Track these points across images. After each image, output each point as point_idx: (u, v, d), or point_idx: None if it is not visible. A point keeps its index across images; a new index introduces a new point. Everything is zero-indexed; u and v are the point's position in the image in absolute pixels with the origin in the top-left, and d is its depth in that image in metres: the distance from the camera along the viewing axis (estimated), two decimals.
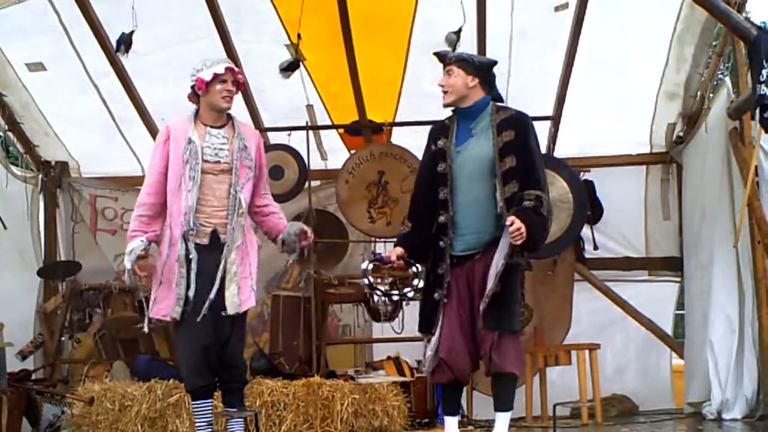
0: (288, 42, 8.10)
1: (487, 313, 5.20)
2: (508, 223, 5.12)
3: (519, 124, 5.36)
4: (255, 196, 5.56)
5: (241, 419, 5.51)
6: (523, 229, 5.09)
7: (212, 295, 5.28)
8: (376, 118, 8.87)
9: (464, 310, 5.31)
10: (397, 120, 8.88)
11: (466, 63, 5.42)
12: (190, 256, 5.32)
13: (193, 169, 5.34)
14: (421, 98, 8.52)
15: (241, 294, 5.36)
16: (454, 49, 7.18)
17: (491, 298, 5.20)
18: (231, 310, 5.32)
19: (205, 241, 5.38)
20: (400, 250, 5.48)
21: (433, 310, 5.36)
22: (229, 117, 5.56)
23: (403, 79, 8.54)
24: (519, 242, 5.12)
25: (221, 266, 5.34)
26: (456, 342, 5.29)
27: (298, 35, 7.66)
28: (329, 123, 9.04)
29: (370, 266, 5.47)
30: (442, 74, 5.44)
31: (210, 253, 5.36)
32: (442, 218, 5.37)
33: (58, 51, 8.18)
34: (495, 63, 5.54)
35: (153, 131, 8.99)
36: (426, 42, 8.06)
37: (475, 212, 5.33)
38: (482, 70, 5.44)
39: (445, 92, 5.43)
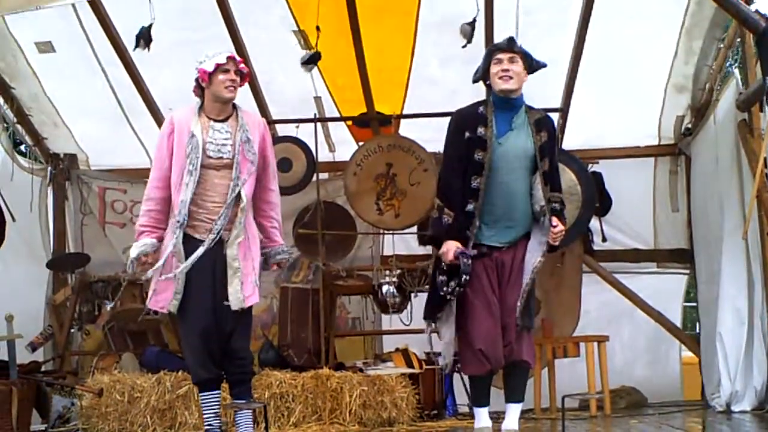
0: (296, 28, 8.07)
1: (521, 310, 5.34)
2: (554, 224, 5.35)
3: (550, 127, 5.57)
4: (258, 189, 5.52)
5: (250, 411, 5.52)
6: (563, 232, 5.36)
7: (216, 291, 5.30)
8: (384, 109, 8.84)
9: (497, 300, 5.39)
10: (404, 111, 8.85)
11: (527, 59, 5.55)
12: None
13: (192, 164, 5.32)
14: (428, 87, 8.49)
15: (245, 290, 5.34)
16: (469, 41, 7.20)
17: (526, 295, 5.35)
18: (235, 305, 5.32)
19: (205, 236, 5.36)
20: (458, 244, 5.39)
21: (447, 299, 5.37)
22: (234, 108, 5.55)
23: (410, 67, 8.49)
24: (557, 243, 5.40)
25: (219, 261, 5.34)
26: (494, 332, 5.35)
27: (317, 27, 7.65)
28: (337, 115, 9.04)
29: (469, 262, 5.36)
30: (506, 60, 5.46)
31: (208, 249, 5.35)
32: (470, 206, 5.40)
33: (68, 34, 8.15)
34: (545, 66, 5.66)
35: (160, 122, 8.98)
36: (433, 27, 8.03)
37: (511, 205, 5.43)
38: (533, 71, 5.59)
39: (509, 77, 5.46)
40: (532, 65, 5.55)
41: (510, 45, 5.54)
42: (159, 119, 8.95)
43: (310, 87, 8.58)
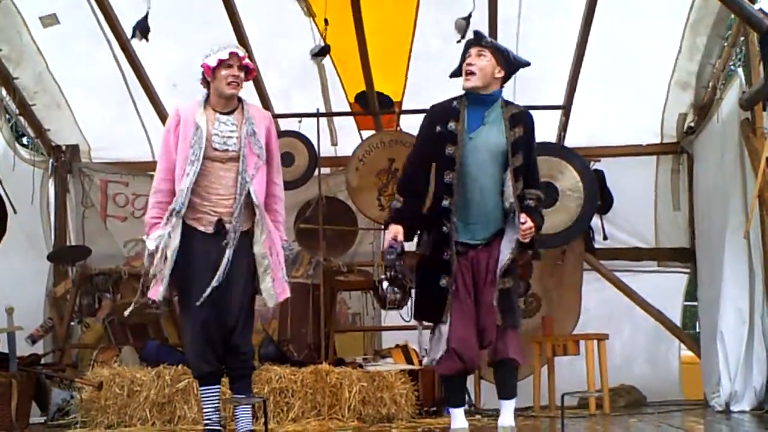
0: None
1: (501, 309, 5.27)
2: (522, 221, 5.25)
3: (527, 123, 5.47)
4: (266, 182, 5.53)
5: (249, 405, 5.52)
6: (533, 229, 5.27)
7: (215, 283, 5.26)
8: (386, 89, 8.78)
9: (471, 300, 5.35)
10: (407, 89, 8.77)
11: (500, 53, 5.46)
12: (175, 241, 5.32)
13: (195, 154, 5.32)
14: (430, 63, 8.37)
15: (277, 286, 5.37)
16: (463, 36, 7.16)
17: (504, 293, 5.28)
18: (269, 303, 5.35)
19: (210, 229, 5.37)
20: (400, 228, 5.42)
21: (441, 298, 5.35)
22: (240, 101, 5.55)
23: (412, 42, 8.38)
24: (527, 240, 5.28)
25: (228, 251, 5.32)
26: (467, 332, 5.31)
27: (325, 21, 7.61)
28: (340, 85, 8.91)
29: (393, 257, 5.34)
30: (473, 55, 5.42)
31: (213, 241, 5.35)
32: (445, 202, 5.36)
33: (73, 7, 8.11)
34: (528, 65, 5.58)
35: (161, 114, 8.97)
36: (433, 3, 7.97)
37: (482, 202, 5.37)
38: (512, 67, 5.50)
39: (472, 73, 5.40)
40: (510, 61, 5.46)
41: (477, 39, 5.50)
42: (161, 111, 8.94)
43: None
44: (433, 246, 5.40)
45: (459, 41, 7.07)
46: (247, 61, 5.51)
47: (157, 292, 5.37)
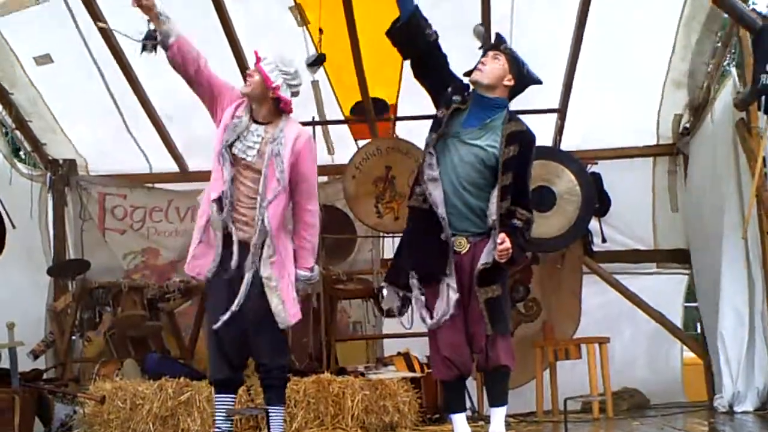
0: (292, 4, 7.97)
1: (491, 318, 5.24)
2: (499, 240, 5.17)
3: (526, 142, 5.36)
4: (292, 206, 5.39)
5: (282, 412, 5.43)
6: (511, 251, 5.17)
7: (234, 307, 5.20)
8: (380, 93, 8.74)
9: (458, 305, 5.32)
10: (401, 90, 8.70)
11: (515, 62, 5.42)
12: (229, 230, 5.24)
13: (224, 156, 5.24)
14: None
15: (288, 307, 5.26)
16: (484, 42, 7.16)
17: (492, 302, 5.25)
18: (280, 323, 5.26)
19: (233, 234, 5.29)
20: None
21: (443, 251, 5.28)
22: (280, 115, 5.39)
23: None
24: (503, 261, 5.20)
25: (248, 274, 5.24)
26: (457, 338, 5.29)
27: (320, 30, 7.62)
28: (335, 100, 8.91)
29: None
30: (489, 57, 5.41)
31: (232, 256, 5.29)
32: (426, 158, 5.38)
33: (66, 41, 8.14)
34: (540, 83, 5.55)
35: (159, 126, 8.98)
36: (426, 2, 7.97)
37: (456, 193, 5.31)
38: (524, 80, 5.46)
39: (480, 70, 5.38)
40: (522, 72, 5.42)
41: (496, 43, 5.50)
42: (158, 124, 8.95)
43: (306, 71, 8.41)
44: (423, 198, 5.33)
45: (480, 47, 7.10)
46: (262, 65, 5.31)
47: (201, 267, 5.29)
